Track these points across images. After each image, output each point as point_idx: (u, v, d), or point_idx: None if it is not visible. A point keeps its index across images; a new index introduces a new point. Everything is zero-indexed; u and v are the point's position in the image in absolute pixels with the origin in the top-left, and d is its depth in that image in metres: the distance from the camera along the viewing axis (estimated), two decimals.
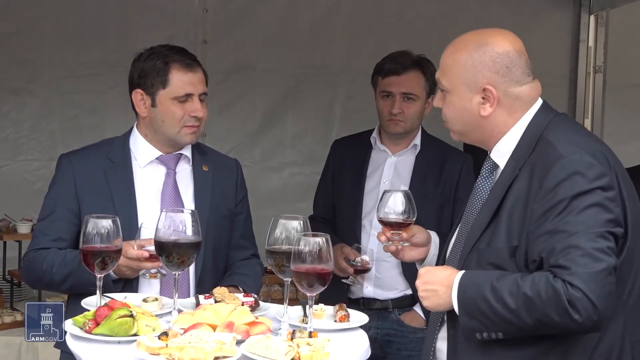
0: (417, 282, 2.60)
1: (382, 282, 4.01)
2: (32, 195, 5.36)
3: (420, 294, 2.59)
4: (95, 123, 5.65)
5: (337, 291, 3.92)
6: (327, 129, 6.06)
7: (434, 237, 3.03)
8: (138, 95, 3.20)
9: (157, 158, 3.22)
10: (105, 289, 2.79)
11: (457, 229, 2.74)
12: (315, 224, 4.16)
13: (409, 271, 3.89)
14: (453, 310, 2.53)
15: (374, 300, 4.02)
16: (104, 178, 3.16)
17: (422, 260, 3.01)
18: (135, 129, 3.28)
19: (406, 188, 3.87)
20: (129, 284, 3.07)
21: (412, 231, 2.80)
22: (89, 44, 5.67)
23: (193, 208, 3.11)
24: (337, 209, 4.16)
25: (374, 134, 4.13)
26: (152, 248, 2.76)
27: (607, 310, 2.33)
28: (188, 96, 3.15)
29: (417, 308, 4.01)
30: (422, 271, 2.61)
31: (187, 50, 3.27)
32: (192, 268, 3.11)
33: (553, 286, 2.31)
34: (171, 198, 3.19)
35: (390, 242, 2.80)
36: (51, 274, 3.09)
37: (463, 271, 2.52)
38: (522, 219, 2.46)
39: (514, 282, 2.39)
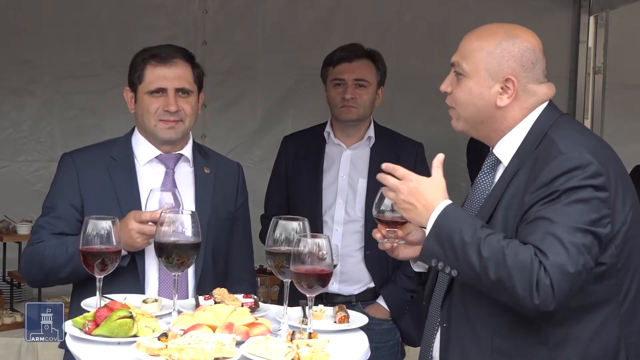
0: (401, 186, 2.55)
1: (347, 277, 4.04)
2: (32, 197, 5.37)
3: (398, 203, 2.56)
4: (95, 124, 5.65)
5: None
6: None
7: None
8: (127, 92, 3.26)
9: (156, 157, 3.23)
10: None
11: None
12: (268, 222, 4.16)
13: (372, 264, 3.98)
14: (447, 304, 2.56)
15: (337, 295, 4.04)
16: (107, 176, 3.17)
17: (414, 259, 3.00)
18: (136, 128, 3.29)
19: (364, 180, 3.89)
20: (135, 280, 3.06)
21: (408, 229, 2.81)
22: (89, 45, 5.68)
23: (194, 209, 3.11)
24: (292, 206, 4.15)
25: (327, 128, 4.16)
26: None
27: (560, 304, 2.33)
28: (161, 90, 3.17)
29: (381, 300, 4.07)
30: (412, 183, 2.54)
31: (184, 49, 3.27)
32: (191, 269, 3.11)
33: (532, 258, 2.32)
34: (172, 197, 3.19)
35: (385, 240, 2.81)
36: (52, 259, 3.06)
37: (450, 202, 2.50)
38: (516, 212, 2.47)
39: (497, 237, 2.38)
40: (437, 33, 5.82)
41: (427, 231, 2.49)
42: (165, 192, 2.95)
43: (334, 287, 4.03)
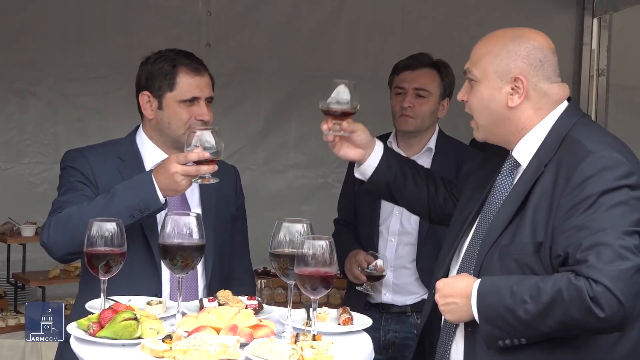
0: (437, 297, 2.59)
1: (400, 289, 4.00)
2: (36, 198, 5.38)
3: (441, 308, 2.58)
4: (99, 125, 5.65)
5: (358, 296, 3.94)
6: None
7: (378, 149, 3.00)
8: (145, 97, 3.22)
9: (162, 161, 3.23)
10: (156, 211, 2.89)
11: (474, 226, 2.72)
12: (339, 227, 4.18)
13: (426, 277, 3.89)
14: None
15: (392, 305, 4.02)
16: (118, 175, 3.16)
17: (358, 164, 3.00)
18: (141, 130, 3.29)
19: None
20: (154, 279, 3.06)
21: (355, 126, 2.84)
22: (92, 46, 5.68)
23: (200, 212, 3.14)
24: (357, 213, 4.14)
25: (391, 138, 4.11)
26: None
27: (633, 309, 2.32)
28: (195, 99, 3.17)
29: None
30: (440, 284, 2.59)
31: (194, 54, 3.28)
32: (200, 271, 3.16)
33: (576, 285, 2.30)
34: (178, 200, 3.20)
35: (330, 132, 2.83)
36: (82, 212, 2.94)
37: (479, 279, 2.50)
38: (547, 214, 2.45)
39: (534, 285, 2.37)
40: (441, 35, 5.82)
41: (477, 319, 2.48)
42: (204, 131, 2.91)
43: (387, 297, 4.01)
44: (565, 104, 2.64)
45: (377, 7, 6.04)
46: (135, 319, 2.44)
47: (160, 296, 3.08)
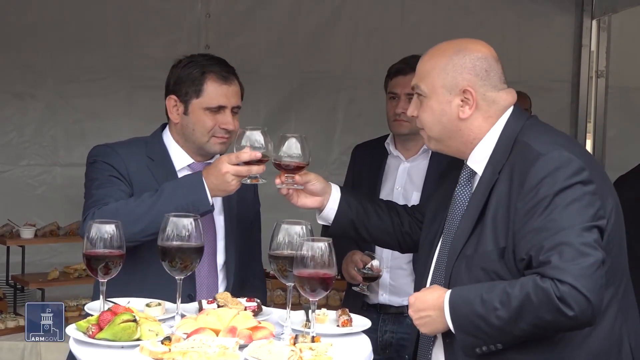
0: (410, 311, 2.62)
1: (397, 289, 4.00)
2: (35, 201, 5.37)
3: (416, 322, 2.61)
4: (98, 127, 5.64)
5: (356, 297, 3.94)
6: (330, 133, 6.09)
7: (335, 192, 3.03)
8: (172, 101, 3.23)
9: (188, 165, 3.25)
10: (203, 213, 2.89)
11: (440, 239, 2.75)
12: None
13: None
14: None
15: (389, 306, 4.03)
16: (149, 173, 3.17)
17: (318, 210, 3.03)
18: (167, 131, 3.30)
19: (418, 193, 3.87)
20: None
21: (308, 177, 2.88)
22: (91, 49, 5.67)
23: (223, 215, 3.24)
24: None
25: (388, 140, 4.13)
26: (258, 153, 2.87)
27: (599, 303, 2.35)
28: (220, 108, 3.18)
29: None
30: (412, 299, 2.62)
31: (227, 62, 3.27)
32: (221, 277, 3.25)
33: (542, 287, 2.33)
34: None
35: (284, 185, 2.85)
36: (129, 208, 2.96)
37: (450, 290, 2.52)
38: (506, 219, 2.49)
39: (503, 291, 2.40)
40: (440, 39, 5.80)
41: (453, 330, 2.50)
42: (254, 131, 2.93)
43: (384, 297, 4.02)
44: (511, 109, 2.67)
45: (376, 9, 6.05)
46: (135, 320, 2.44)
47: (194, 297, 3.10)
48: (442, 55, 2.67)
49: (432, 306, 2.55)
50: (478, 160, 2.65)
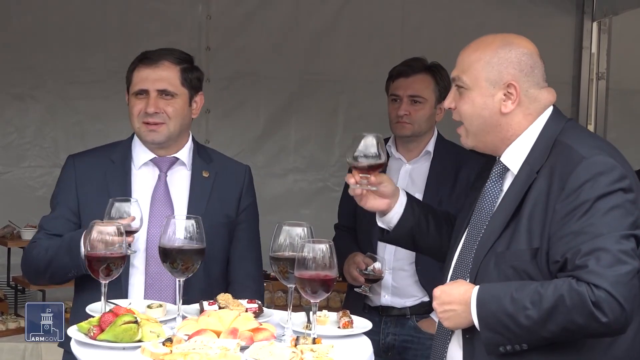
0: (434, 304, 2.59)
1: (399, 291, 4.00)
2: (36, 202, 5.37)
3: (439, 315, 2.58)
4: (99, 129, 5.65)
5: (357, 299, 3.94)
6: (330, 135, 6.09)
7: (402, 196, 2.98)
8: (126, 95, 3.29)
9: (151, 160, 3.25)
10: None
11: (465, 234, 2.72)
12: (339, 232, 4.17)
13: (425, 279, 3.90)
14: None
15: (392, 307, 4.02)
16: (103, 179, 3.21)
17: (383, 213, 2.97)
18: None
19: (420, 195, 3.86)
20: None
21: (381, 178, 2.83)
22: (92, 50, 5.68)
23: (186, 213, 3.15)
24: (356, 217, 4.12)
25: (390, 142, 4.11)
26: (134, 224, 2.92)
27: (632, 312, 2.34)
28: (143, 92, 3.19)
29: (434, 315, 4.00)
30: (437, 292, 2.59)
31: (180, 51, 3.29)
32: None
33: (577, 291, 2.32)
34: (161, 201, 3.21)
35: (358, 185, 2.82)
36: (37, 261, 3.16)
37: (478, 286, 2.50)
38: (542, 220, 2.47)
39: (535, 291, 2.38)
40: (441, 42, 5.82)
41: (478, 326, 2.48)
42: (123, 202, 2.96)
43: (386, 299, 4.00)
44: (551, 108, 2.66)
45: (377, 11, 6.05)
46: (136, 322, 2.44)
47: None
48: (487, 47, 2.64)
49: (457, 300, 2.52)
50: (513, 158, 2.63)
